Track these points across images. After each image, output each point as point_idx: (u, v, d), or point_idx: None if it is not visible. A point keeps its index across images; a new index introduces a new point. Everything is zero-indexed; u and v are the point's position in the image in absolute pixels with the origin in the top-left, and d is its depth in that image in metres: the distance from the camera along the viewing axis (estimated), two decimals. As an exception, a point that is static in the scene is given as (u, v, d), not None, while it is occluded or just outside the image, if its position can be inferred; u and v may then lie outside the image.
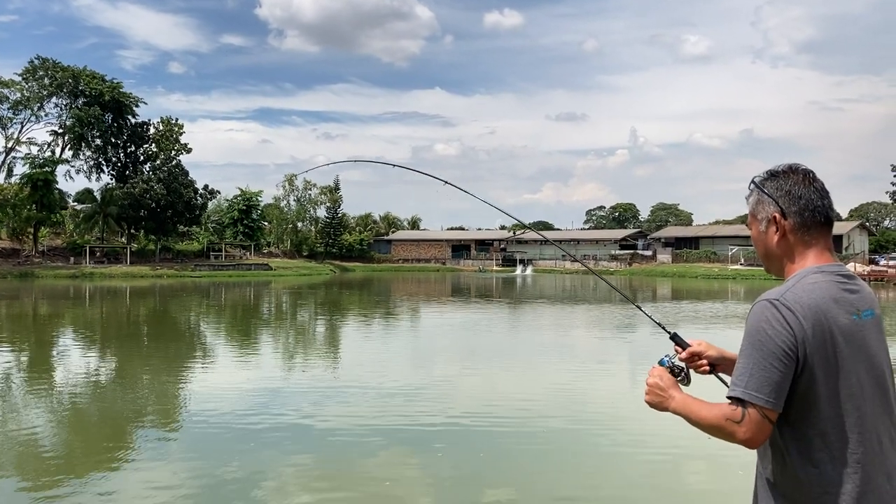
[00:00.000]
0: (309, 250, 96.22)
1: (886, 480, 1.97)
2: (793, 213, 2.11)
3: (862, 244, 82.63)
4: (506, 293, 50.53)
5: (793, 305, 1.96)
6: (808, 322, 1.94)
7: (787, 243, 2.13)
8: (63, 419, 11.33)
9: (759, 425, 1.96)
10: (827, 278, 2.04)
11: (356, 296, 47.27)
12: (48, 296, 42.98)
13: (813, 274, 2.05)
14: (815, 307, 1.96)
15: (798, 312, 1.95)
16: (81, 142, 77.06)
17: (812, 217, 2.11)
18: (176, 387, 14.16)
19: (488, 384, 14.15)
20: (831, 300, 1.99)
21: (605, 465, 8.82)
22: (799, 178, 2.14)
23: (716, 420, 2.04)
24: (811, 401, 1.96)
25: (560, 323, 29.31)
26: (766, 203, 2.15)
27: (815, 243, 2.11)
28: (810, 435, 1.97)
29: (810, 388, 1.96)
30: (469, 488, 7.86)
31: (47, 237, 76.39)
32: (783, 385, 1.94)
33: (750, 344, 1.99)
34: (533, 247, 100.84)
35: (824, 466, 1.95)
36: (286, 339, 23.45)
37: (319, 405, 11.93)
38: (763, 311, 1.99)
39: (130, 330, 26.66)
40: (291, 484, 7.98)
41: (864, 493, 1.93)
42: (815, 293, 1.99)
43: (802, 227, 2.11)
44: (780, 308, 1.96)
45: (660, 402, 2.31)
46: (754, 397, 1.95)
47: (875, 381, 2.01)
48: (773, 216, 2.14)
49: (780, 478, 2.02)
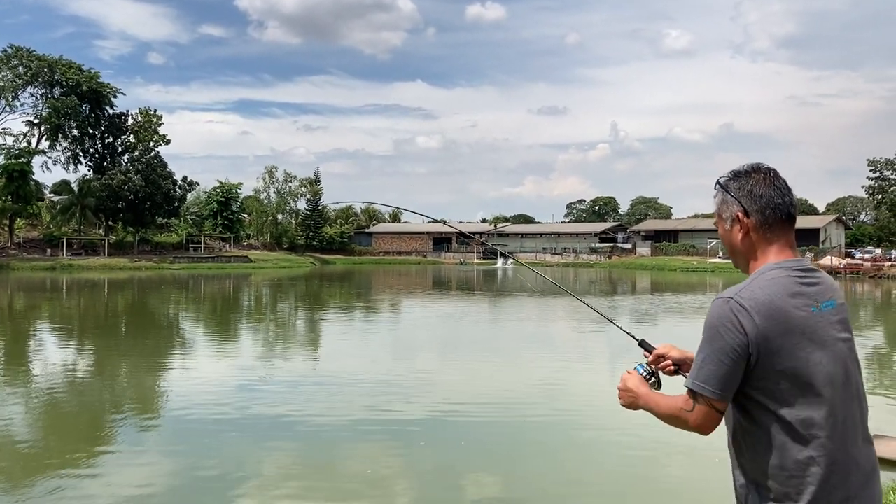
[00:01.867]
0: (289, 243, 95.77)
1: (854, 464, 2.06)
2: (755, 212, 2.19)
3: (839, 238, 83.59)
4: (487, 286, 50.62)
5: (746, 303, 2.05)
6: (761, 317, 2.03)
7: (750, 241, 2.22)
8: (40, 412, 11.22)
9: (708, 414, 2.09)
10: (784, 273, 2.12)
11: (337, 289, 47.16)
12: (24, 288, 42.49)
13: (771, 270, 2.13)
14: (768, 303, 2.05)
15: (751, 309, 2.04)
16: (58, 132, 76.06)
17: (773, 214, 2.18)
18: (155, 379, 14.07)
19: (469, 376, 14.19)
20: (786, 294, 2.07)
21: (585, 456, 8.89)
22: (760, 178, 2.22)
23: (672, 410, 2.20)
24: (774, 390, 2.05)
25: (541, 315, 29.42)
26: (730, 203, 2.24)
27: (776, 240, 2.19)
28: (776, 422, 2.05)
29: (772, 378, 2.04)
30: (450, 477, 7.90)
31: (23, 229, 75.40)
32: (731, 378, 2.05)
33: (705, 339, 2.11)
34: (514, 240, 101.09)
35: (790, 451, 2.03)
36: (266, 332, 23.36)
37: (300, 397, 11.92)
38: (717, 309, 2.09)
39: (109, 322, 26.43)
40: (272, 475, 7.97)
41: (829, 476, 2.01)
42: (770, 289, 2.08)
43: (764, 224, 2.19)
44: (732, 306, 2.06)
45: (630, 402, 2.44)
46: (703, 388, 2.07)
47: (837, 368, 2.08)
48: (736, 215, 2.22)
49: (751, 464, 2.10)
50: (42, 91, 75.01)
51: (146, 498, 7.16)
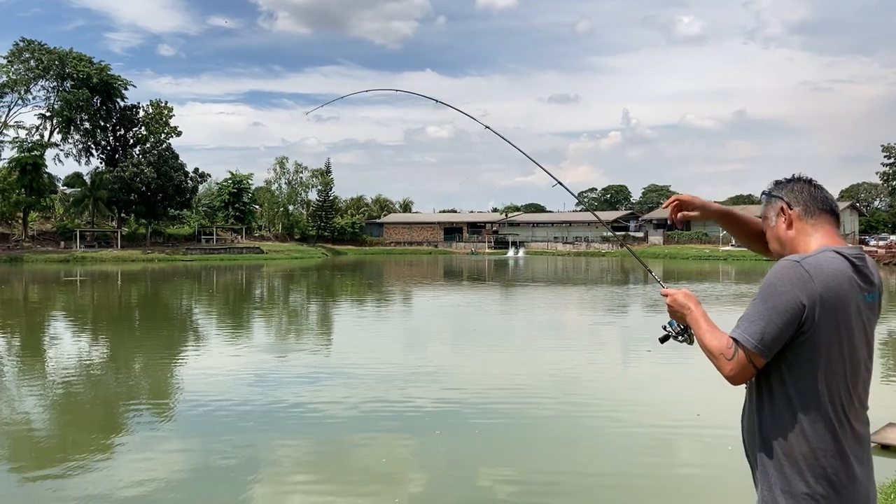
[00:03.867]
0: (300, 233, 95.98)
1: (865, 447, 2.21)
2: (798, 203, 2.35)
3: (853, 225, 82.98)
4: (498, 275, 50.60)
5: (811, 269, 2.13)
6: (822, 287, 2.11)
7: (794, 231, 2.35)
8: (56, 403, 11.32)
9: (745, 367, 2.17)
10: (843, 257, 2.21)
11: (349, 279, 47.25)
12: (39, 280, 42.80)
13: (831, 251, 2.21)
14: (832, 276, 2.13)
15: (815, 276, 2.12)
16: (70, 125, 76.38)
17: (815, 205, 2.34)
18: (169, 371, 14.16)
19: (482, 366, 14.19)
20: (846, 276, 2.16)
21: (597, 444, 8.88)
22: (801, 182, 2.41)
23: (714, 349, 2.24)
24: (812, 362, 2.13)
25: (553, 304, 29.40)
26: (774, 202, 2.42)
27: (820, 227, 2.32)
28: (804, 396, 2.14)
29: (814, 349, 2.13)
30: (464, 465, 7.92)
31: (37, 222, 75.92)
32: (777, 338, 2.12)
33: (761, 295, 2.18)
34: (525, 229, 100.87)
35: (820, 431, 2.12)
36: (279, 322, 23.45)
37: (313, 388, 11.96)
38: (782, 269, 2.16)
39: (122, 314, 26.60)
40: (286, 464, 8.02)
41: (843, 451, 2.13)
42: (833, 264, 2.16)
43: (807, 213, 2.33)
44: (797, 269, 2.14)
45: (680, 310, 2.44)
46: (748, 341, 2.15)
47: (861, 353, 2.20)
48: (781, 208, 2.38)
49: (781, 444, 2.18)
50: (53, 84, 75.29)
51: (161, 487, 7.21)
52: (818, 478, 2.11)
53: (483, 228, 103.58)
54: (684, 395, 11.14)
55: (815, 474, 2.11)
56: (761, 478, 2.23)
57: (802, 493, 2.11)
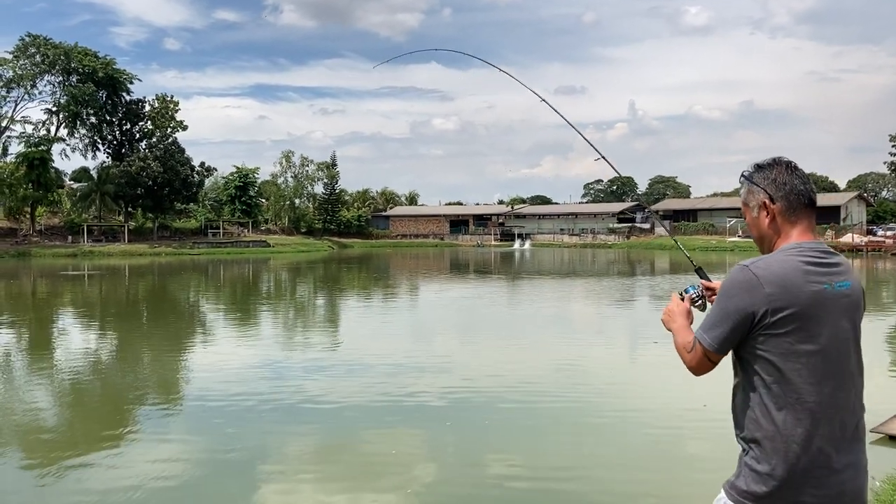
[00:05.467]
0: (307, 227, 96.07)
1: (839, 428, 2.27)
2: (780, 198, 2.40)
3: (860, 215, 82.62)
4: (505, 268, 50.59)
5: (759, 272, 2.27)
6: (771, 287, 2.24)
7: (776, 225, 2.42)
8: (64, 397, 11.38)
9: (701, 360, 2.40)
10: (802, 251, 2.32)
11: (356, 272, 47.31)
12: (47, 275, 42.97)
13: (790, 249, 2.34)
14: (782, 275, 2.25)
15: (763, 278, 2.25)
16: (76, 120, 76.55)
17: (797, 200, 2.39)
18: (177, 364, 14.21)
19: (490, 357, 14.20)
20: (800, 270, 2.27)
21: (607, 436, 8.89)
22: (783, 168, 2.43)
23: (680, 344, 2.51)
24: (770, 356, 2.26)
25: (560, 296, 29.39)
26: (756, 192, 2.45)
27: (799, 223, 2.39)
28: (767, 384, 2.27)
29: (770, 344, 2.26)
30: (475, 456, 7.94)
31: (44, 216, 76.13)
32: (730, 337, 2.31)
33: (718, 296, 2.37)
34: (531, 221, 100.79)
35: (777, 414, 2.25)
36: (287, 315, 23.51)
37: (322, 380, 11.99)
38: (734, 273, 2.33)
39: (131, 308, 26.70)
40: (295, 457, 8.04)
41: (811, 437, 2.22)
42: (785, 263, 2.28)
43: (788, 209, 2.39)
44: (746, 273, 2.29)
45: (667, 321, 2.68)
46: (702, 337, 2.37)
47: (836, 345, 2.28)
48: (762, 202, 2.43)
49: (746, 421, 2.33)
50: (59, 79, 75.40)
51: (170, 481, 7.24)
52: (781, 462, 2.23)
53: (489, 221, 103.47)
54: (691, 385, 11.12)
55: (778, 458, 2.23)
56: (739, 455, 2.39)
57: (765, 472, 2.25)
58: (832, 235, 71.65)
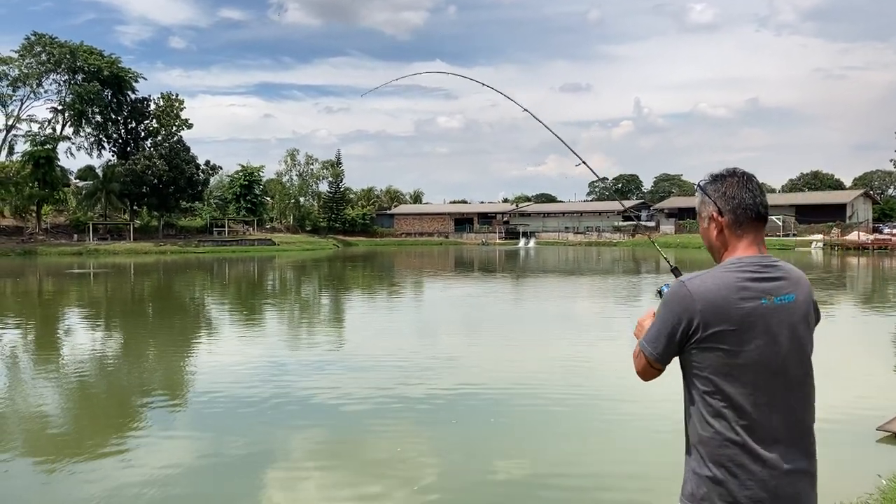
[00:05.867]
0: (312, 225, 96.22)
1: (775, 436, 2.31)
2: (727, 212, 2.44)
3: (866, 213, 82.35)
4: (510, 266, 50.57)
5: (694, 288, 2.34)
6: (703, 303, 2.31)
7: (723, 237, 2.47)
8: (70, 395, 11.41)
9: (645, 367, 2.52)
10: (741, 267, 2.37)
11: (360, 270, 47.34)
12: (53, 273, 43.09)
13: (730, 264, 2.39)
14: (714, 290, 2.32)
15: (696, 294, 2.32)
16: (82, 118, 76.76)
17: (744, 214, 2.43)
18: (182, 362, 14.24)
19: (496, 355, 14.20)
20: (735, 286, 2.33)
21: (613, 435, 8.88)
22: (735, 181, 2.47)
23: (634, 352, 2.58)
24: (707, 368, 2.34)
25: (565, 295, 29.37)
26: (707, 203, 2.51)
27: (745, 236, 2.44)
28: (705, 396, 2.36)
29: (705, 356, 2.34)
30: (480, 454, 7.93)
31: (50, 215, 76.35)
32: (667, 347, 2.40)
33: (658, 309, 2.48)
34: (536, 219, 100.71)
35: (714, 425, 2.33)
36: (293, 314, 23.54)
37: (326, 378, 12.00)
38: (672, 287, 2.43)
39: (136, 306, 26.77)
40: (300, 455, 8.05)
41: (745, 443, 2.29)
42: (721, 279, 2.35)
43: (735, 223, 2.44)
44: (682, 288, 2.37)
45: (637, 334, 2.73)
46: (643, 346, 2.48)
47: (774, 358, 2.33)
48: (712, 214, 2.49)
49: (690, 429, 2.43)
50: (65, 78, 75.64)
51: (175, 478, 7.27)
52: (717, 465, 2.32)
53: (494, 219, 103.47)
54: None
55: (713, 461, 2.33)
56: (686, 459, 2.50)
57: (705, 475, 2.34)
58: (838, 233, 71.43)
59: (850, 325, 19.06)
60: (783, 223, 78.36)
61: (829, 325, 19.38)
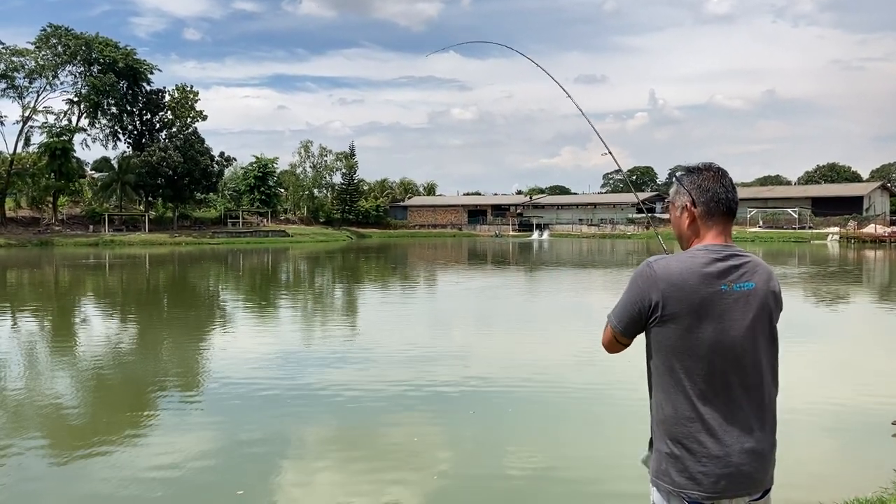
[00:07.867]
0: (325, 217, 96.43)
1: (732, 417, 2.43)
2: (701, 203, 2.59)
3: (883, 205, 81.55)
4: (523, 258, 50.51)
5: (658, 269, 2.49)
6: (666, 284, 2.45)
7: (694, 227, 2.61)
8: (88, 384, 11.51)
9: (611, 340, 2.72)
10: (705, 253, 2.50)
11: (374, 262, 47.42)
12: (69, 264, 43.42)
13: (696, 250, 2.54)
14: (677, 273, 2.46)
15: (660, 275, 2.47)
16: (97, 110, 77.17)
17: (716, 207, 2.57)
18: (196, 352, 14.34)
19: (511, 347, 14.20)
20: (698, 271, 2.46)
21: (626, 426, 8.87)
22: (710, 175, 2.62)
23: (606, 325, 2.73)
24: (667, 346, 2.49)
25: (579, 287, 29.32)
26: (682, 194, 2.65)
27: (714, 227, 2.58)
28: (666, 373, 2.51)
29: (668, 333, 2.47)
30: (498, 446, 7.93)
31: (66, 206, 76.94)
32: (632, 323, 2.59)
33: (626, 287, 2.62)
34: (549, 211, 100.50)
35: (674, 402, 2.48)
36: (307, 305, 23.62)
37: (341, 369, 12.05)
38: (639, 268, 2.57)
39: (151, 297, 26.94)
40: (315, 445, 8.10)
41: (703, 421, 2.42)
42: (685, 263, 2.48)
43: (707, 214, 2.58)
44: (647, 269, 2.52)
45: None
46: (610, 319, 2.68)
47: (730, 342, 2.44)
48: (686, 204, 2.63)
49: (654, 405, 2.60)
50: (80, 69, 75.90)
51: (190, 467, 7.31)
52: (674, 441, 2.47)
53: (507, 211, 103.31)
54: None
55: (671, 438, 2.49)
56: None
57: (664, 452, 2.52)
58: (854, 226, 70.82)
59: (865, 319, 18.92)
60: (799, 216, 77.80)
61: (844, 319, 19.25)
